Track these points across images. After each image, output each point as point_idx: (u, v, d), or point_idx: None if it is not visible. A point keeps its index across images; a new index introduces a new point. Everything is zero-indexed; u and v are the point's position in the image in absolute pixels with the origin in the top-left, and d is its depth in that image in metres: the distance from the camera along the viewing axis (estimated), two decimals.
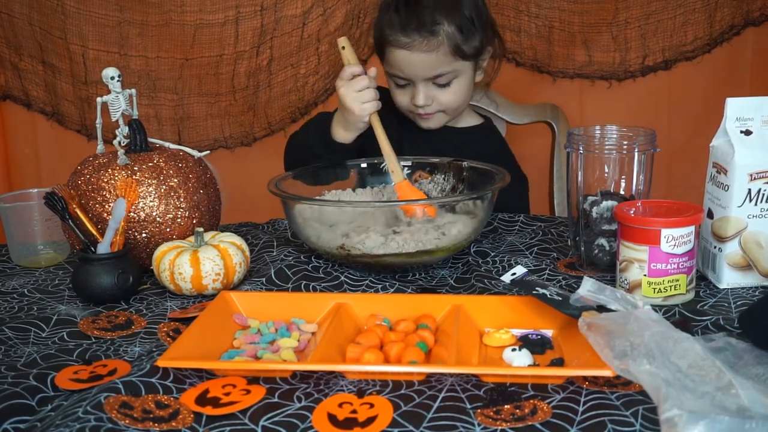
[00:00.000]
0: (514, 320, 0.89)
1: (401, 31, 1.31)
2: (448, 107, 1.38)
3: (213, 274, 1.02)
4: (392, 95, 1.40)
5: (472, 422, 0.69)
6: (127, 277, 1.03)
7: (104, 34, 1.81)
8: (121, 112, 1.14)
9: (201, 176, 1.16)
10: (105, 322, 0.96)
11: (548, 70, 1.85)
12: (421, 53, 1.31)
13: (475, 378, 0.76)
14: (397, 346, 0.81)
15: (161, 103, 1.87)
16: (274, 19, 1.80)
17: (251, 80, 1.85)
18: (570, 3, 1.78)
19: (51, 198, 1.06)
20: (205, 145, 1.88)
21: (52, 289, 1.10)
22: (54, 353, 0.87)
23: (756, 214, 0.99)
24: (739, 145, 0.98)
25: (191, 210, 1.12)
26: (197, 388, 0.75)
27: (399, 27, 1.31)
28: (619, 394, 0.72)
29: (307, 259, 1.13)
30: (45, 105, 1.90)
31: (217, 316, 0.90)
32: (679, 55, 1.82)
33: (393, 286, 1.06)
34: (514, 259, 1.13)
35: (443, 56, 1.32)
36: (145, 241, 1.10)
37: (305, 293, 1.03)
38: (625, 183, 1.06)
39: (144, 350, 0.88)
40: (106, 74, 1.13)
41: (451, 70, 1.34)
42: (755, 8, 1.80)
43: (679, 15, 1.79)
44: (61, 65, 1.84)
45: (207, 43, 1.81)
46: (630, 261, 0.97)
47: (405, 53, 1.32)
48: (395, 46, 1.32)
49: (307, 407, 0.72)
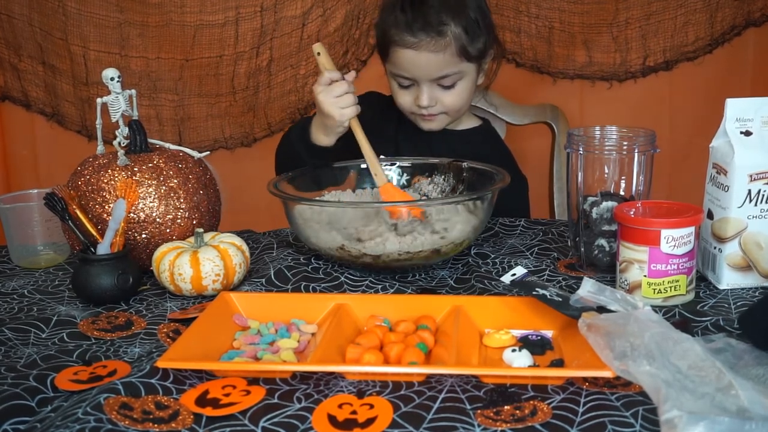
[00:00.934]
0: (514, 321, 0.89)
1: (407, 30, 1.30)
2: (451, 109, 1.38)
3: (213, 274, 1.02)
4: (394, 96, 1.40)
5: (472, 423, 0.69)
6: (127, 278, 1.03)
7: (105, 35, 1.81)
8: (121, 113, 1.14)
9: (201, 177, 1.16)
10: (105, 322, 0.96)
11: (548, 71, 1.85)
12: (429, 53, 1.30)
13: (475, 379, 0.76)
14: (397, 347, 0.81)
15: (162, 104, 1.87)
16: (273, 19, 1.80)
17: (251, 81, 1.85)
18: (570, 3, 1.78)
19: (51, 199, 1.06)
20: (206, 146, 1.89)
21: (51, 289, 1.10)
22: (54, 354, 0.87)
23: (756, 215, 0.99)
24: (739, 146, 0.98)
25: (191, 211, 1.12)
26: (197, 389, 0.75)
27: (405, 26, 1.31)
28: (619, 395, 0.72)
29: (306, 260, 1.13)
30: (45, 106, 1.90)
31: (217, 317, 0.90)
32: (680, 55, 1.82)
33: (393, 286, 1.06)
34: (514, 260, 1.13)
35: (450, 57, 1.32)
36: (144, 242, 1.10)
37: (305, 294, 1.03)
38: (625, 184, 1.06)
39: (144, 351, 0.88)
40: (106, 75, 1.13)
41: (457, 71, 1.34)
42: (756, 9, 1.80)
43: (680, 15, 1.79)
44: (61, 66, 1.84)
45: (207, 44, 1.81)
46: (630, 262, 0.97)
47: (411, 53, 1.31)
48: (401, 46, 1.32)
49: (307, 408, 0.72)
